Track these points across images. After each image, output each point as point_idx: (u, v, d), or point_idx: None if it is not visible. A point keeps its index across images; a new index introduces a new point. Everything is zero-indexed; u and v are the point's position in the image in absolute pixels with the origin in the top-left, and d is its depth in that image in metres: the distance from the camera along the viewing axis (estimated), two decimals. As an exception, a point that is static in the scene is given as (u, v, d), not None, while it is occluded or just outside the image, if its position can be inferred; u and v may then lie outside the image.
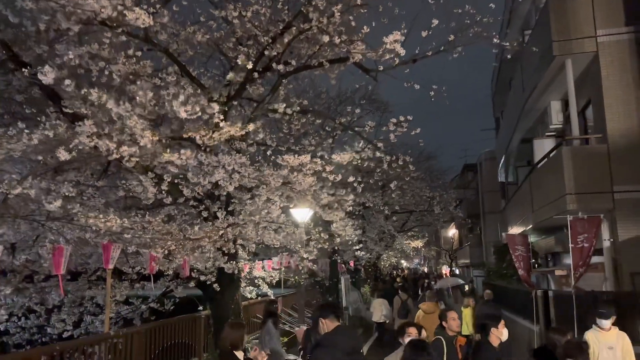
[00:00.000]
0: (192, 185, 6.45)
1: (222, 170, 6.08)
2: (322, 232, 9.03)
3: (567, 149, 9.06)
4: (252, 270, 10.29)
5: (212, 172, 6.15)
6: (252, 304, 11.79)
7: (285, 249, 9.04)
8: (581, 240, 8.83)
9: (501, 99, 20.29)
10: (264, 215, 5.89)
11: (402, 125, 8.43)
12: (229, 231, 5.67)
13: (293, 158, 5.92)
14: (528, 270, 12.05)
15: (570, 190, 8.90)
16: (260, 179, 6.47)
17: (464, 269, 40.70)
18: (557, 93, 11.47)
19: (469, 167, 34.00)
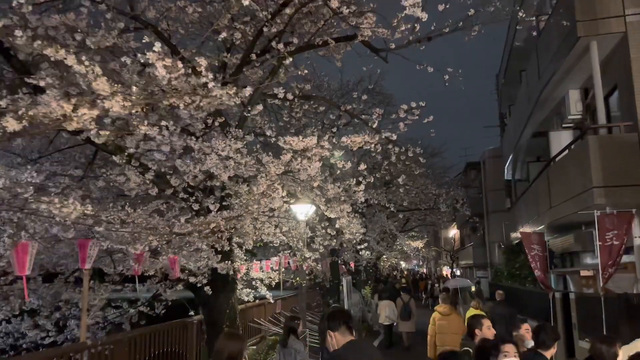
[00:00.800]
0: (181, 175, 5.65)
1: (215, 157, 5.28)
2: (329, 227, 8.22)
3: (594, 138, 8.29)
4: (250, 271, 9.49)
5: (203, 159, 5.35)
6: (250, 307, 11.00)
7: (286, 247, 8.23)
8: (610, 238, 8.06)
9: (509, 92, 19.53)
10: (264, 205, 5.10)
11: (414, 113, 7.64)
12: (221, 224, 4.89)
13: (297, 140, 5.14)
14: (545, 270, 11.30)
15: (598, 183, 8.12)
16: (259, 168, 5.68)
17: (465, 270, 39.94)
18: (576, 81, 10.72)
19: (472, 165, 33.21)
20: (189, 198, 5.79)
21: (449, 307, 8.19)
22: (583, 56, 9.30)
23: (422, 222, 29.32)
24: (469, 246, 35.09)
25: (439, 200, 18.13)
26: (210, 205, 5.55)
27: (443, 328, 7.83)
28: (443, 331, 7.82)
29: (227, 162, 5.39)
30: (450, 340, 7.48)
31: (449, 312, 8.07)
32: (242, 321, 10.72)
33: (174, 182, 5.51)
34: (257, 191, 5.05)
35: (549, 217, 11.05)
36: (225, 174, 5.18)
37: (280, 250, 8.45)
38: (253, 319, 11.18)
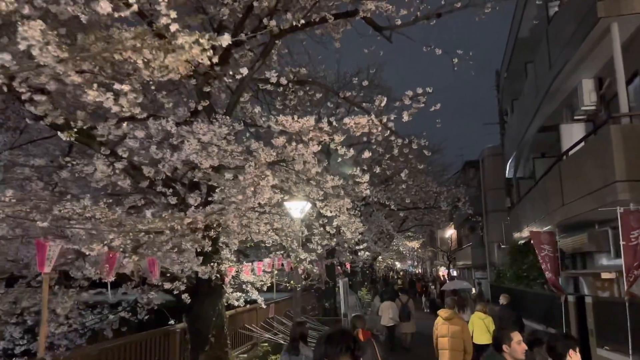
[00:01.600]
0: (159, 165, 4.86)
1: (196, 142, 4.50)
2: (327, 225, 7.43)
3: (616, 128, 7.55)
4: (240, 274, 8.70)
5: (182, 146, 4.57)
6: (240, 312, 10.21)
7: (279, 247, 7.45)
8: (635, 237, 7.33)
9: (512, 87, 18.84)
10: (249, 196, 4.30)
11: (419, 100, 6.87)
12: (199, 220, 4.12)
13: (291, 120, 4.36)
14: (556, 272, 10.59)
15: (621, 177, 7.38)
16: (247, 157, 4.90)
17: (463, 270, 39.27)
18: (590, 69, 10.00)
19: (470, 163, 32.53)
20: (166, 191, 4.99)
21: (451, 312, 8.13)
22: (601, 40, 8.58)
23: (419, 222, 28.63)
24: (466, 246, 34.40)
25: (439, 198, 17.39)
26: (190, 200, 4.75)
27: (443, 331, 7.89)
28: (444, 334, 7.89)
29: (209, 149, 4.60)
30: (451, 344, 7.69)
31: (452, 316, 8.01)
32: (232, 327, 9.94)
33: (147, 172, 4.71)
34: (243, 181, 4.26)
35: (561, 216, 10.31)
36: (207, 162, 4.40)
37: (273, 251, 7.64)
38: (244, 325, 10.39)
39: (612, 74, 9.60)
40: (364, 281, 30.24)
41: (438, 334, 8.00)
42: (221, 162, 4.93)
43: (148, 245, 4.44)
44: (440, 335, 7.94)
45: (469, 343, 7.85)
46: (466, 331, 7.96)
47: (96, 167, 4.97)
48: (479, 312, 9.86)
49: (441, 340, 7.90)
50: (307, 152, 4.38)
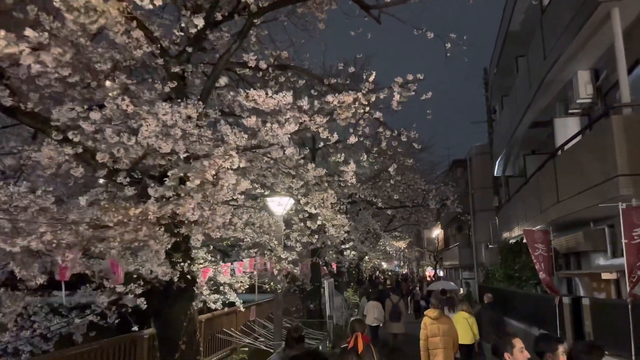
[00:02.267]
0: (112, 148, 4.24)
1: (155, 123, 3.88)
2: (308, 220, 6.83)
3: (618, 119, 7.09)
4: (218, 275, 8.08)
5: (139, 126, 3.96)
6: (218, 316, 9.58)
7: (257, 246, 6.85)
8: (638, 235, 6.87)
9: (501, 83, 18.45)
10: (211, 180, 3.68)
11: (409, 88, 6.32)
12: (150, 210, 3.52)
13: (265, 96, 3.76)
14: (550, 272, 10.14)
15: (624, 171, 6.92)
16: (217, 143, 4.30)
17: (450, 270, 39.01)
18: (586, 61, 9.57)
19: (458, 162, 32.24)
20: (122, 182, 4.37)
21: (438, 312, 8.23)
22: (601, 27, 8.12)
23: (406, 221, 28.19)
24: (453, 246, 34.12)
25: (428, 196, 16.90)
26: (151, 191, 4.13)
27: (434, 332, 7.98)
28: (434, 334, 7.98)
29: (172, 132, 3.99)
30: (443, 343, 7.83)
31: (439, 316, 8.13)
32: (209, 332, 9.32)
33: (101, 158, 4.09)
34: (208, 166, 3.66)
35: (556, 213, 9.86)
36: (168, 146, 3.79)
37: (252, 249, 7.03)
38: (222, 330, 9.76)
39: (609, 65, 9.20)
40: (350, 282, 29.70)
41: (428, 334, 8.01)
42: (188, 149, 4.31)
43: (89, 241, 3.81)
44: (432, 335, 7.97)
45: (456, 341, 8.13)
46: (454, 329, 8.19)
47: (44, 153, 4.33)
48: (463, 311, 9.91)
49: (433, 340, 7.94)
50: (282, 132, 3.78)
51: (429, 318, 8.10)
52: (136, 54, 5.23)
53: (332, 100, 3.92)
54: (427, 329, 8.01)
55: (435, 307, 8.45)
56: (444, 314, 8.46)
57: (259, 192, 7.88)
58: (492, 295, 12.21)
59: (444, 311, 9.91)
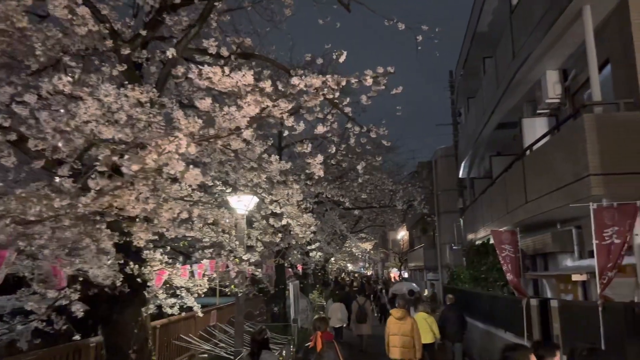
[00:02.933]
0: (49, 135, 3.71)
1: (96, 105, 3.39)
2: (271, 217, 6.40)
3: (590, 117, 6.96)
4: (174, 278, 7.53)
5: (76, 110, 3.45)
6: (175, 321, 9.02)
7: (216, 246, 6.37)
8: (609, 236, 6.74)
9: (468, 85, 18.47)
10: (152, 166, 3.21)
11: (379, 82, 5.99)
12: (82, 202, 3.04)
13: (221, 74, 3.32)
14: (518, 274, 10.02)
15: (595, 170, 6.79)
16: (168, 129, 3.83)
17: (414, 272, 39.16)
18: (555, 60, 9.51)
19: (424, 165, 32.39)
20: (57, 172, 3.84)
21: (402, 312, 8.62)
22: (571, 26, 8.03)
23: (372, 222, 28.08)
24: (418, 248, 34.25)
25: (395, 197, 16.70)
26: (91, 183, 3.62)
27: (394, 330, 8.44)
28: (394, 333, 8.44)
29: (116, 116, 3.50)
30: (400, 342, 8.32)
31: (403, 315, 8.54)
32: (165, 338, 8.75)
33: (34, 146, 3.56)
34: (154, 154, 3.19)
35: (524, 214, 9.75)
36: (109, 131, 3.31)
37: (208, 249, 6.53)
38: (179, 336, 9.20)
39: (578, 65, 9.15)
40: (316, 283, 29.32)
41: (389, 332, 8.56)
42: (137, 137, 3.82)
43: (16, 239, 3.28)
44: (392, 334, 8.49)
45: (419, 340, 8.48)
46: (416, 329, 8.55)
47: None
48: (422, 312, 10.34)
49: (392, 338, 8.45)
50: (240, 115, 3.34)
51: (393, 317, 8.61)
52: (80, 32, 4.70)
53: (298, 84, 3.52)
54: (389, 327, 8.59)
55: (402, 307, 8.84)
56: (408, 314, 8.77)
57: (220, 189, 7.42)
58: (454, 296, 12.44)
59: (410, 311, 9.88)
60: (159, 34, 6.96)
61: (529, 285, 11.63)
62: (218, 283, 11.06)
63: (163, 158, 3.10)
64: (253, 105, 3.33)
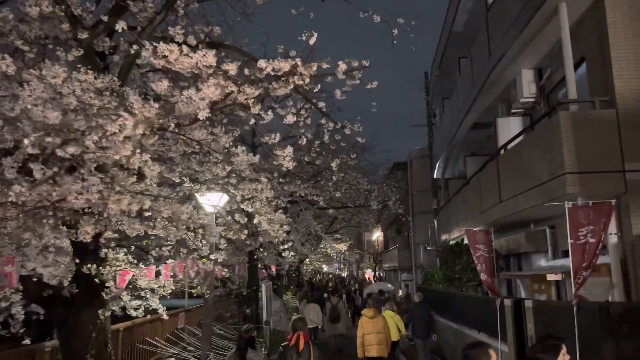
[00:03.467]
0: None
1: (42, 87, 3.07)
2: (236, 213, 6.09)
3: (566, 115, 6.89)
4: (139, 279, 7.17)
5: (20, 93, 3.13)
6: (139, 324, 8.63)
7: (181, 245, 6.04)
8: (584, 235, 6.67)
9: (443, 85, 18.48)
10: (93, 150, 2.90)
11: (354, 76, 5.78)
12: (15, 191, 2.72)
13: (178, 53, 3.02)
14: (492, 274, 9.94)
15: (571, 169, 6.72)
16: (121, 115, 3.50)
17: (389, 272, 39.22)
18: (531, 58, 9.47)
19: (398, 165, 32.44)
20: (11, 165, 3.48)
21: (374, 311, 8.98)
22: (547, 24, 7.97)
23: (348, 223, 27.96)
24: (393, 248, 34.31)
25: (370, 197, 16.55)
26: (37, 174, 3.28)
27: (369, 329, 8.73)
28: (369, 331, 8.73)
29: (65, 101, 3.18)
30: (376, 339, 8.67)
31: (374, 314, 8.89)
32: (129, 342, 8.36)
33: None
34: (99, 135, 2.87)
35: (498, 213, 9.68)
36: (55, 115, 2.99)
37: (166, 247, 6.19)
38: (144, 339, 8.81)
39: (553, 64, 9.13)
40: (290, 285, 29.01)
41: (364, 331, 8.78)
42: (89, 123, 3.50)
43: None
44: (367, 333, 8.73)
45: (389, 337, 9.00)
46: (387, 326, 9.05)
47: None
48: (388, 310, 10.59)
49: (368, 337, 8.69)
50: (198, 97, 3.05)
51: (365, 317, 8.88)
52: (32, 13, 4.36)
53: (265, 67, 3.26)
54: (363, 327, 8.80)
55: (372, 306, 9.36)
56: (379, 313, 9.16)
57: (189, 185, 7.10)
58: (423, 294, 12.63)
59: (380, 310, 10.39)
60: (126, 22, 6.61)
61: (502, 285, 11.60)
62: (187, 284, 10.68)
63: (104, 141, 2.80)
64: (213, 88, 3.05)
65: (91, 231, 3.69)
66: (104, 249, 5.17)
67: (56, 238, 3.64)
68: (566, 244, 7.15)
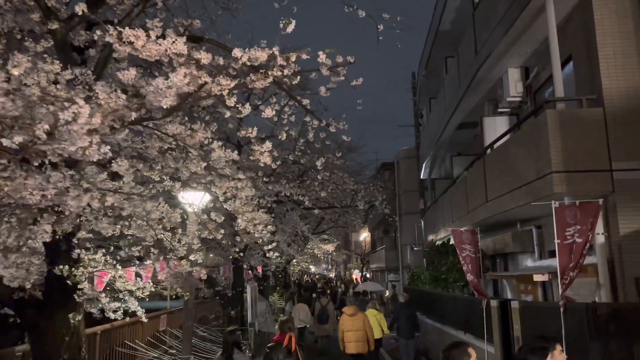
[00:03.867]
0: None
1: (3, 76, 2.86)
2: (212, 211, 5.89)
3: (553, 113, 6.80)
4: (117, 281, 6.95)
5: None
6: (118, 327, 8.39)
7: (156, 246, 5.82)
8: (571, 235, 6.58)
9: (430, 85, 18.42)
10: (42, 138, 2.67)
11: (339, 72, 5.62)
12: None
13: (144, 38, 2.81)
14: (478, 274, 9.86)
15: (558, 167, 6.63)
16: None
17: (376, 273, 39.17)
18: (518, 57, 9.40)
19: (386, 166, 32.40)
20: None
21: (354, 309, 9.32)
22: (534, 21, 7.90)
23: (335, 223, 27.81)
24: (380, 249, 34.25)
25: (356, 197, 16.42)
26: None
27: (348, 326, 9.01)
28: (349, 329, 9.00)
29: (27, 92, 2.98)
30: (355, 337, 8.95)
31: (354, 312, 9.17)
32: (107, 345, 8.12)
33: None
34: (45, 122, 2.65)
35: (485, 213, 9.59)
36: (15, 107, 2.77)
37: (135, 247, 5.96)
38: (123, 342, 8.57)
39: (540, 63, 9.07)
40: (276, 286, 28.77)
41: (344, 329, 9.09)
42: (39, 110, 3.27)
43: None
44: (346, 330, 9.02)
45: (371, 332, 9.18)
46: (368, 323, 9.24)
47: None
48: (372, 309, 10.91)
49: (347, 334, 8.99)
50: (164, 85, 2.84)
51: (345, 314, 9.20)
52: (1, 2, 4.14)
53: (241, 56, 3.08)
54: (343, 324, 9.15)
55: (352, 304, 10.23)
56: (359, 311, 9.40)
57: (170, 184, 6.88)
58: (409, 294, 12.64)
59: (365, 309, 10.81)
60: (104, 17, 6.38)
61: (489, 286, 11.53)
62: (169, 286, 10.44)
63: (56, 132, 2.60)
64: (182, 76, 2.86)
65: (49, 230, 3.48)
66: (76, 250, 4.94)
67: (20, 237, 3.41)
68: (553, 244, 7.08)
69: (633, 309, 6.14)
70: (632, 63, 6.80)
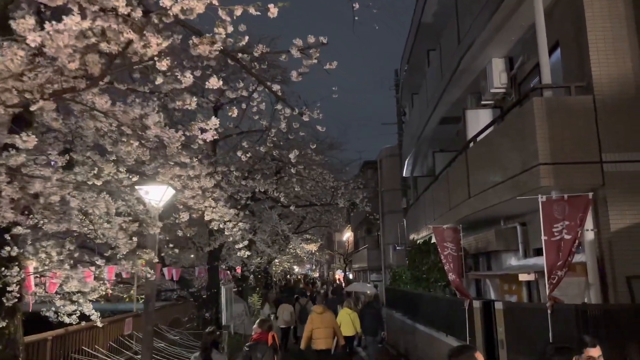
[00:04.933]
0: None
1: None
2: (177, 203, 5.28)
3: (540, 101, 6.36)
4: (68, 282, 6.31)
5: None
6: (74, 331, 7.74)
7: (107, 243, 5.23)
8: (559, 231, 6.15)
9: (412, 81, 17.99)
10: None
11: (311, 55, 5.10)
12: None
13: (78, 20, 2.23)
14: (460, 273, 9.43)
15: (545, 159, 6.19)
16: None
17: (359, 273, 38.76)
18: (502, 46, 8.99)
19: (368, 164, 31.99)
20: None
21: (322, 307, 9.55)
22: (520, 5, 7.47)
23: (317, 222, 27.29)
24: (363, 249, 33.84)
25: (337, 194, 15.90)
26: None
27: (318, 324, 9.26)
28: (318, 326, 9.25)
29: None
30: (324, 333, 9.23)
31: (323, 310, 9.41)
32: (61, 352, 7.48)
33: None
34: None
35: (467, 210, 9.15)
36: None
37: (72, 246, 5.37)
38: (80, 348, 7.92)
39: (525, 52, 8.66)
40: (256, 286, 28.13)
41: (313, 326, 9.29)
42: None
43: None
44: (316, 327, 9.25)
45: (339, 330, 9.66)
46: (334, 321, 9.64)
47: None
48: (346, 307, 11.20)
49: (317, 332, 9.23)
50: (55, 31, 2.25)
51: (315, 312, 9.44)
52: None
53: (171, 7, 2.52)
54: (312, 322, 9.30)
55: (320, 303, 10.44)
56: (327, 309, 9.67)
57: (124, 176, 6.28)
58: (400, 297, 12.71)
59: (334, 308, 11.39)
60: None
61: (471, 285, 11.11)
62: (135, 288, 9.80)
63: None
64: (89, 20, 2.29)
65: None
66: (6, 247, 4.33)
67: None
68: (538, 242, 6.65)
69: (625, 310, 5.73)
70: (624, 48, 6.40)
